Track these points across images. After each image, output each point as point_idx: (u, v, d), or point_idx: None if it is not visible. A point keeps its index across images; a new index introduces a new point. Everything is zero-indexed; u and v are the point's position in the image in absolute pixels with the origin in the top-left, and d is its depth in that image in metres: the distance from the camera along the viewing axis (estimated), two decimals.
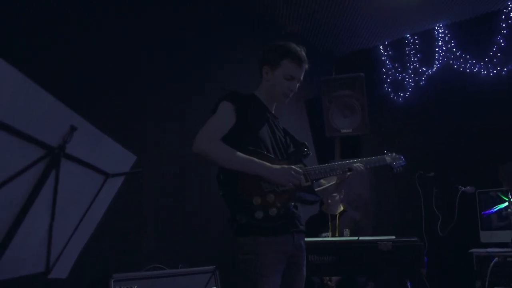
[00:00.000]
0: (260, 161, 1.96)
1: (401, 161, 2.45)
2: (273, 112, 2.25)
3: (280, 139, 2.18)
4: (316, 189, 2.18)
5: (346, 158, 4.52)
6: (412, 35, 5.42)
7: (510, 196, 3.15)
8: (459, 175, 4.43)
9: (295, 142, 2.26)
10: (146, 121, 3.52)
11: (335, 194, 4.34)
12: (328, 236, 4.12)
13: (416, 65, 5.34)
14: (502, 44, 4.64)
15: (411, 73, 5.37)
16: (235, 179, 1.94)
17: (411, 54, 5.40)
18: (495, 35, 4.69)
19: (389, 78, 5.57)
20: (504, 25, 4.65)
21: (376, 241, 3.06)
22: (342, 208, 4.37)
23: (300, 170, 2.02)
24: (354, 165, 2.20)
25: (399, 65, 5.51)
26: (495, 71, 4.67)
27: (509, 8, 4.63)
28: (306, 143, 2.23)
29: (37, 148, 1.06)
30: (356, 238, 3.31)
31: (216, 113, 2.08)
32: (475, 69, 4.81)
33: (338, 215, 4.30)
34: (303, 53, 2.15)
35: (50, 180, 1.12)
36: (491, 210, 3.73)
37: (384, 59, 5.64)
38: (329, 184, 2.31)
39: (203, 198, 3.77)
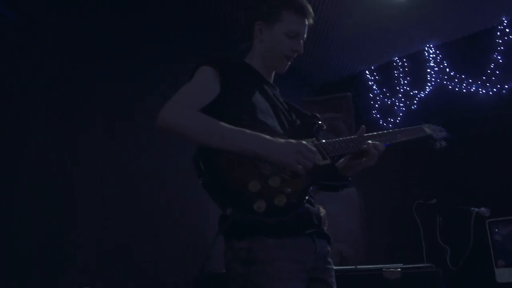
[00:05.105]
0: (255, 133, 1.31)
1: (443, 133, 1.82)
2: (271, 82, 1.63)
3: (283, 113, 1.53)
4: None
5: None
6: (400, 58, 5.05)
7: None
8: (464, 200, 3.88)
9: (303, 116, 1.61)
10: None
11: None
12: None
13: (406, 88, 4.93)
14: (500, 60, 4.27)
15: (401, 97, 4.95)
16: (221, 160, 1.27)
17: (400, 77, 5.01)
18: (492, 52, 4.34)
19: (377, 104, 5.14)
20: (501, 41, 4.31)
21: (381, 268, 2.43)
22: None
23: (314, 149, 1.34)
24: (369, 145, 1.50)
25: (388, 90, 5.10)
26: (494, 90, 4.26)
27: (505, 24, 4.31)
28: (318, 115, 1.59)
29: None
30: (353, 266, 2.68)
31: (192, 80, 1.46)
32: (472, 88, 4.41)
33: None
34: (308, 4, 1.57)
35: None
36: None
37: (371, 84, 5.23)
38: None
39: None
